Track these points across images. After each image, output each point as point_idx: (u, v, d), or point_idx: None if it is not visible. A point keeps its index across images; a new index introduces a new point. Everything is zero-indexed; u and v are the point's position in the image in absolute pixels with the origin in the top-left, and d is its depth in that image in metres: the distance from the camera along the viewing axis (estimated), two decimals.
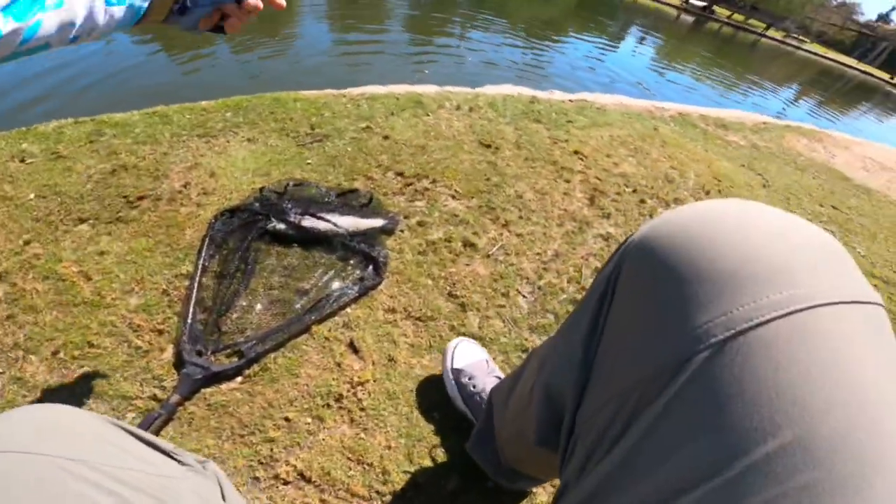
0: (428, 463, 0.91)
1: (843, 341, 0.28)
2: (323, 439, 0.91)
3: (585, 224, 1.52)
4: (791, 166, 2.67)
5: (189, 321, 1.05)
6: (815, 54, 18.07)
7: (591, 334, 0.40)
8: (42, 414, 0.42)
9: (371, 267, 1.22)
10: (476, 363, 0.99)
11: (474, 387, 0.94)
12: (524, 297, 1.25)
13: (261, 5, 0.59)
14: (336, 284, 1.18)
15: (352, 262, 1.24)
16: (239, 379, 0.99)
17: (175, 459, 0.53)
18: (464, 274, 1.27)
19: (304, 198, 1.40)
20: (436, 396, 1.01)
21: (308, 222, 1.27)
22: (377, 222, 1.33)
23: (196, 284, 1.13)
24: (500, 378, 0.93)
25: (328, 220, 1.28)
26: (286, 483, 0.85)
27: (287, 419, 0.93)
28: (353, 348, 1.06)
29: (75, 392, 0.93)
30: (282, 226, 1.26)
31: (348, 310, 1.13)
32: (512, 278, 1.28)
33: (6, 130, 1.68)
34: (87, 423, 0.44)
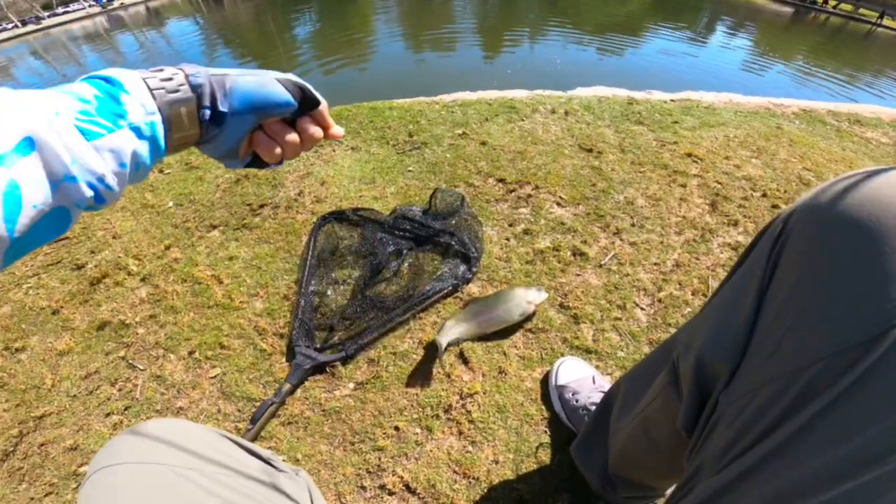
0: (536, 479, 0.85)
1: None
2: (430, 450, 0.89)
3: (709, 232, 1.37)
4: None
5: (299, 316, 1.10)
6: None
7: (756, 309, 0.38)
8: (167, 429, 0.50)
9: (464, 266, 1.21)
10: (581, 379, 0.94)
11: (577, 401, 0.90)
12: (642, 309, 1.15)
13: (327, 131, 0.47)
14: (430, 283, 1.18)
15: (449, 263, 1.23)
16: (352, 385, 1.00)
17: (273, 466, 0.58)
18: (575, 284, 1.19)
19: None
20: (546, 411, 0.95)
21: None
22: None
23: (304, 281, 1.18)
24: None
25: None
26: (391, 493, 0.84)
27: (396, 428, 0.92)
28: (464, 359, 1.03)
29: (206, 392, 0.99)
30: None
31: None
32: (628, 289, 1.19)
33: None
34: (201, 435, 0.52)
